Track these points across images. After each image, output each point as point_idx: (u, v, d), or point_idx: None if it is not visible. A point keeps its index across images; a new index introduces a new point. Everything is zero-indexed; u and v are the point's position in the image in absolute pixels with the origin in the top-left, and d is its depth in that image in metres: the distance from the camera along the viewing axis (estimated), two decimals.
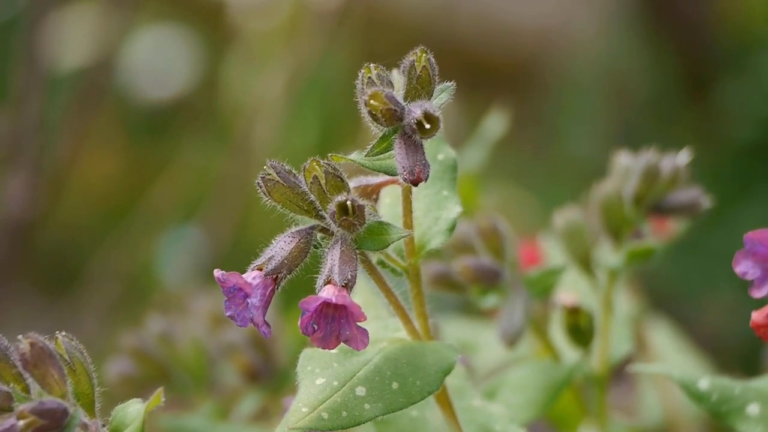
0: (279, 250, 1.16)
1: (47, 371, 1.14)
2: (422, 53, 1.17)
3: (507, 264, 1.52)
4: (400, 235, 1.17)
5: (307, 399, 1.16)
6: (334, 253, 1.15)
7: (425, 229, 1.23)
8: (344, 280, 1.14)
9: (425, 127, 1.14)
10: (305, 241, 1.17)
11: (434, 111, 1.15)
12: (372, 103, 1.15)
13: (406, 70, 1.17)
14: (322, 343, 1.14)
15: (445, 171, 1.25)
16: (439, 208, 1.24)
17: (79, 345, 1.18)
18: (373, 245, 1.17)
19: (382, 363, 1.19)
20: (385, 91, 1.15)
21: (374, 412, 1.15)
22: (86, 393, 1.16)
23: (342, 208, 1.15)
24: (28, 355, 1.14)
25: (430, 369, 1.19)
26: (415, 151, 1.15)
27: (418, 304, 1.24)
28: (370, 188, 1.22)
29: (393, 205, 1.25)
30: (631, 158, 1.57)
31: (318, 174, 1.16)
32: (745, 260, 1.17)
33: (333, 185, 1.16)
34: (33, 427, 1.11)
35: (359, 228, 1.16)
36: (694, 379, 1.30)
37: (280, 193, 1.17)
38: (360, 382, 1.17)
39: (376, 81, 1.17)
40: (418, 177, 1.14)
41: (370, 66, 1.17)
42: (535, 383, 1.48)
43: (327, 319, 1.14)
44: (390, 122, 1.16)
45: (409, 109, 1.16)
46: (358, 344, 1.14)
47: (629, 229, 1.56)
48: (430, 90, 1.18)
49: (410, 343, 1.22)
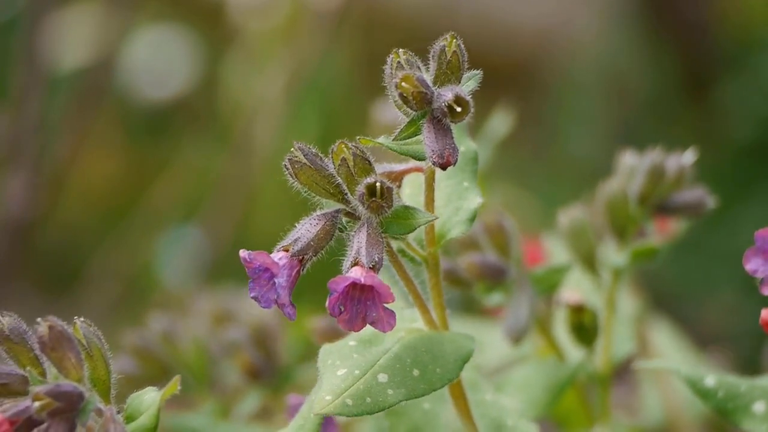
0: (305, 231, 1.16)
1: (65, 355, 1.13)
2: (452, 38, 1.17)
3: (513, 261, 1.52)
4: (427, 220, 1.17)
5: (330, 388, 1.16)
6: (361, 236, 1.15)
7: (446, 219, 1.23)
8: (371, 262, 1.14)
9: (456, 111, 1.14)
10: (331, 224, 1.17)
11: (465, 95, 1.15)
12: (404, 85, 1.15)
13: (436, 55, 1.17)
14: (348, 324, 1.14)
15: (467, 163, 1.25)
16: (460, 199, 1.23)
17: (97, 331, 1.17)
18: (399, 229, 1.17)
19: (402, 351, 1.19)
20: (416, 75, 1.15)
21: (397, 397, 1.16)
22: (102, 379, 1.16)
23: (371, 189, 1.15)
24: (47, 338, 1.13)
25: (449, 357, 1.19)
26: (445, 135, 1.15)
27: (436, 294, 1.25)
28: (394, 175, 1.22)
29: (414, 194, 1.25)
30: (636, 158, 1.57)
31: (346, 156, 1.16)
32: (755, 257, 1.17)
33: (361, 168, 1.16)
34: (48, 410, 1.10)
35: (387, 210, 1.16)
36: (701, 376, 1.30)
37: (306, 175, 1.17)
38: (381, 369, 1.18)
39: (405, 65, 1.16)
40: (447, 160, 1.14)
41: (399, 51, 1.17)
42: (538, 382, 1.48)
43: (353, 301, 1.14)
44: (420, 105, 1.16)
45: (439, 93, 1.16)
46: (385, 326, 1.15)
47: (634, 228, 1.56)
48: (459, 76, 1.18)
49: (428, 333, 1.23)
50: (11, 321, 1.16)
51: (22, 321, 1.17)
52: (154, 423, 1.15)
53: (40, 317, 1.15)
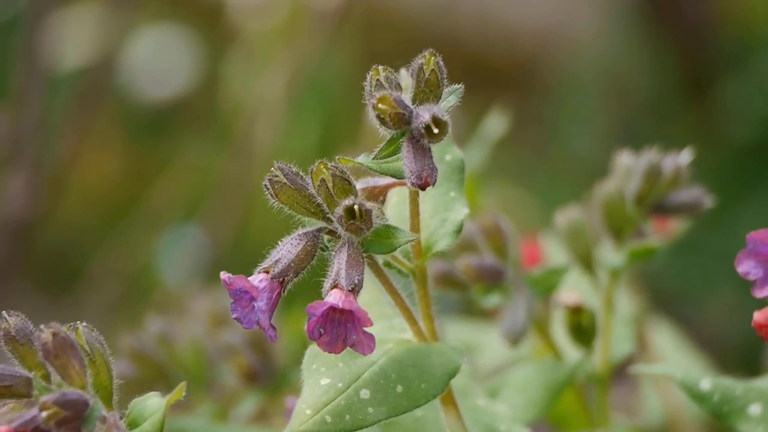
0: (286, 252, 1.16)
1: (68, 362, 1.13)
2: (431, 56, 1.16)
3: (510, 263, 1.52)
4: (407, 239, 1.16)
5: (311, 400, 1.15)
6: (341, 257, 1.15)
7: (432, 231, 1.22)
8: (351, 285, 1.13)
9: (433, 132, 1.14)
10: (312, 244, 1.16)
11: (442, 116, 1.14)
12: (380, 106, 1.15)
13: (415, 73, 1.16)
14: (329, 347, 1.14)
15: (453, 172, 1.24)
16: (446, 210, 1.23)
17: (99, 336, 1.17)
18: (381, 249, 1.16)
19: (388, 365, 1.19)
20: (394, 95, 1.15)
21: (377, 416, 1.15)
22: (105, 385, 1.16)
23: (349, 212, 1.14)
24: (50, 345, 1.13)
25: (436, 372, 1.18)
26: (423, 155, 1.15)
27: (424, 305, 1.24)
28: (378, 190, 1.22)
29: (400, 205, 1.25)
30: (632, 158, 1.57)
31: (325, 177, 1.15)
32: (747, 260, 1.17)
33: (340, 188, 1.15)
34: (55, 419, 1.10)
35: (366, 232, 1.15)
36: (696, 380, 1.30)
37: (287, 195, 1.17)
38: (365, 384, 1.17)
39: (384, 84, 1.16)
40: (425, 182, 1.14)
41: (379, 68, 1.16)
42: (536, 383, 1.48)
43: (333, 324, 1.14)
44: (398, 126, 1.15)
45: (417, 113, 1.15)
46: (365, 349, 1.14)
47: (631, 228, 1.56)
48: (439, 93, 1.17)
49: (416, 345, 1.22)
50: (18, 321, 1.15)
51: (29, 322, 1.16)
52: (158, 430, 1.15)
53: (42, 319, 1.15)
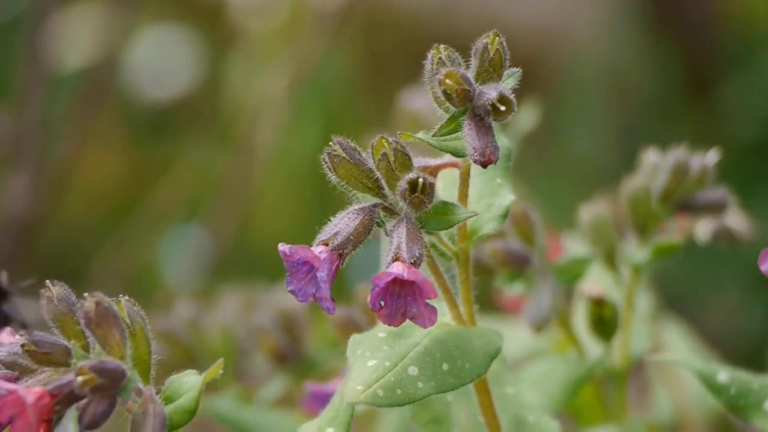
0: (344, 225, 1.16)
1: (109, 332, 1.13)
2: (495, 36, 1.17)
3: (537, 250, 1.52)
4: (466, 216, 1.17)
5: (360, 378, 1.16)
6: (401, 231, 1.15)
7: (478, 215, 1.23)
8: (413, 257, 1.14)
9: (500, 110, 1.14)
10: (369, 218, 1.17)
11: (509, 94, 1.15)
12: (447, 82, 1.15)
13: (479, 53, 1.17)
14: (388, 319, 1.15)
15: (500, 159, 1.23)
16: (492, 195, 1.24)
17: (141, 311, 1.17)
18: (439, 225, 1.17)
19: (432, 345, 1.19)
20: (460, 71, 1.15)
21: (427, 390, 1.16)
22: (143, 359, 1.16)
23: (413, 185, 1.15)
24: (93, 314, 1.13)
25: (478, 353, 1.19)
26: (486, 133, 1.15)
27: (465, 289, 1.25)
28: (429, 169, 1.21)
29: (446, 188, 1.25)
30: (659, 155, 1.57)
31: (387, 151, 1.16)
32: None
33: (401, 163, 1.16)
34: (90, 385, 1.09)
35: (428, 206, 1.16)
36: (714, 372, 1.31)
37: (345, 169, 1.17)
38: (412, 362, 1.17)
39: (446, 62, 1.16)
40: (489, 158, 1.14)
41: (440, 47, 1.17)
42: (555, 378, 1.48)
43: (393, 297, 1.14)
44: (463, 102, 1.16)
45: (481, 91, 1.16)
46: (425, 321, 1.14)
47: (656, 224, 1.56)
48: (501, 73, 1.18)
49: (456, 328, 1.23)
50: (60, 290, 1.15)
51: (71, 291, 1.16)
52: (193, 406, 1.15)
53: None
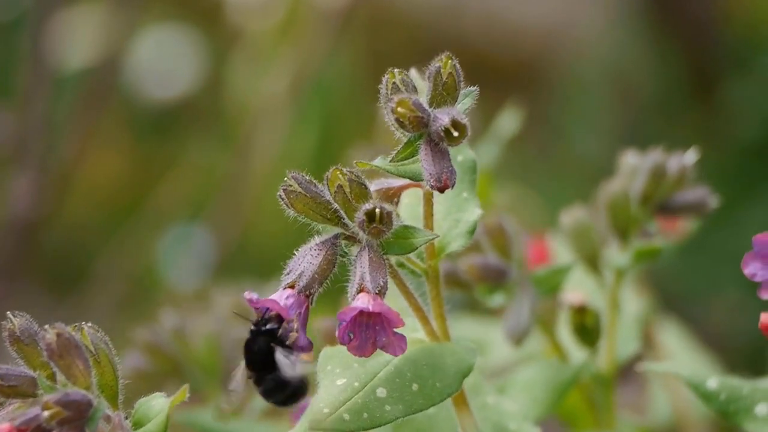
0: (308, 264, 1.16)
1: (73, 362, 1.13)
2: (447, 59, 1.16)
3: (514, 262, 1.52)
4: (426, 239, 1.16)
5: (328, 399, 1.15)
6: (363, 261, 1.15)
7: (445, 232, 1.22)
8: (377, 287, 1.14)
9: (453, 135, 1.14)
10: (332, 252, 1.16)
11: (462, 118, 1.14)
12: (399, 110, 1.15)
13: (432, 76, 1.16)
14: (359, 351, 1.14)
15: (465, 173, 1.24)
16: (459, 211, 1.23)
17: (104, 336, 1.17)
18: (400, 250, 1.16)
19: (402, 364, 1.19)
20: (412, 98, 1.15)
21: (395, 413, 1.15)
22: (110, 385, 1.16)
23: (370, 215, 1.14)
24: (54, 346, 1.13)
25: (450, 371, 1.19)
26: (442, 158, 1.15)
27: (436, 305, 1.24)
28: (392, 191, 1.21)
29: (413, 205, 1.25)
30: (637, 157, 1.57)
31: (342, 183, 1.15)
32: (753, 262, 1.17)
33: (358, 193, 1.15)
34: (57, 419, 1.10)
35: (387, 234, 1.15)
36: (703, 379, 1.30)
37: (302, 203, 1.17)
38: (381, 383, 1.17)
39: (400, 86, 1.16)
40: (445, 184, 1.14)
41: (395, 71, 1.16)
42: (542, 382, 1.48)
43: (362, 327, 1.14)
44: (417, 129, 1.15)
45: (435, 116, 1.15)
46: (396, 350, 1.14)
47: (636, 228, 1.56)
48: (456, 95, 1.17)
49: (429, 345, 1.22)
50: (23, 322, 1.15)
51: (34, 322, 1.16)
52: (162, 430, 1.15)
53: (47, 318, 1.15)
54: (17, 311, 1.16)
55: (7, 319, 1.16)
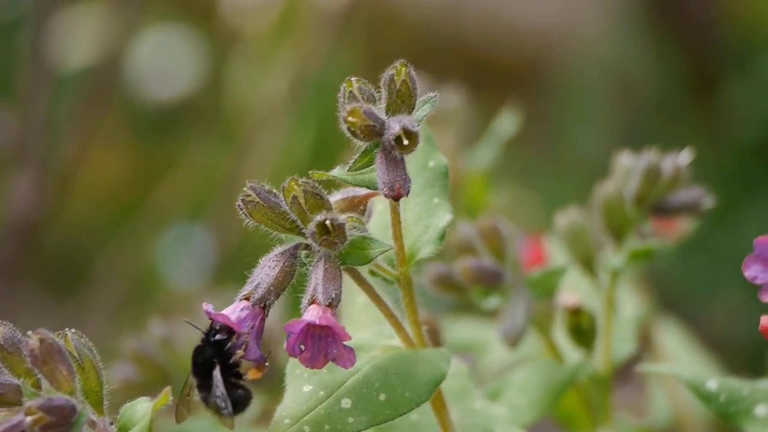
0: (264, 276, 1.16)
1: (56, 368, 1.13)
2: (402, 66, 1.16)
3: (508, 265, 1.51)
4: (381, 250, 1.16)
5: (291, 408, 1.15)
6: (318, 272, 1.15)
7: (416, 238, 1.22)
8: (328, 300, 1.13)
9: (404, 144, 1.13)
10: (290, 264, 1.16)
11: (413, 127, 1.13)
12: (350, 119, 1.14)
13: (386, 84, 1.16)
14: (311, 362, 1.14)
15: (437, 178, 1.24)
16: (429, 216, 1.22)
17: (88, 342, 1.17)
18: (357, 260, 1.16)
19: (372, 373, 1.18)
20: (364, 107, 1.14)
21: (357, 426, 1.14)
22: (95, 390, 1.16)
23: (322, 227, 1.14)
24: (37, 351, 1.13)
25: (421, 380, 1.18)
26: (396, 167, 1.14)
27: (410, 312, 1.23)
28: (357, 200, 1.21)
29: (385, 212, 1.24)
30: (632, 158, 1.57)
31: (297, 194, 1.15)
32: (754, 264, 1.17)
33: (313, 204, 1.15)
34: (40, 424, 1.10)
35: (340, 246, 1.15)
36: (703, 380, 1.30)
37: (261, 213, 1.17)
38: (347, 393, 1.16)
39: (357, 95, 1.15)
40: (398, 193, 1.13)
41: (352, 79, 1.15)
42: (538, 384, 1.48)
43: (314, 339, 1.14)
44: (369, 138, 1.15)
45: (388, 125, 1.14)
46: (345, 363, 1.14)
47: (631, 229, 1.55)
48: (411, 103, 1.16)
49: (402, 352, 1.21)
50: (6, 331, 1.16)
51: (17, 330, 1.16)
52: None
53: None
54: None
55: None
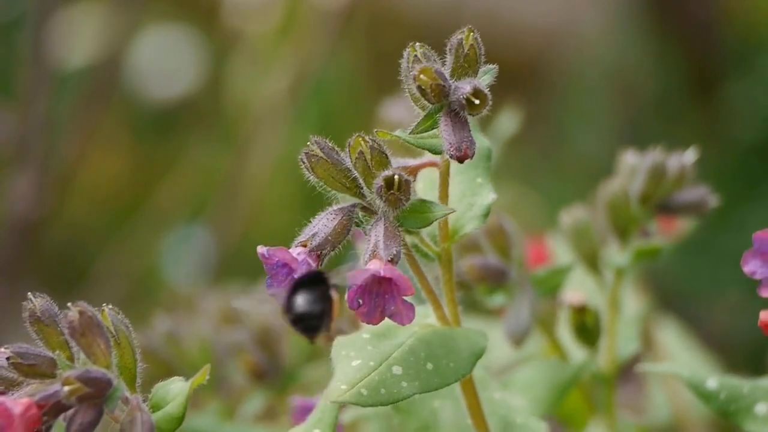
0: (322, 227, 1.16)
1: (94, 341, 1.13)
2: (469, 32, 1.17)
3: (513, 263, 1.52)
4: (443, 213, 1.17)
5: (345, 377, 1.16)
6: (378, 230, 1.15)
7: (459, 215, 1.23)
8: (390, 255, 1.14)
9: (474, 103, 1.15)
10: (348, 218, 1.17)
11: (483, 88, 1.15)
12: (422, 77, 1.15)
13: (454, 48, 1.17)
14: (367, 317, 1.14)
15: (480, 159, 1.24)
16: (473, 194, 1.23)
17: (124, 319, 1.17)
18: (416, 223, 1.17)
19: (416, 345, 1.19)
20: (435, 67, 1.16)
21: (411, 389, 1.16)
22: (129, 367, 1.16)
23: (389, 182, 1.15)
24: (77, 323, 1.13)
25: (462, 353, 1.19)
26: (462, 128, 1.15)
27: (448, 290, 1.25)
28: (408, 169, 1.21)
29: (427, 189, 1.25)
30: (637, 157, 1.57)
31: (363, 149, 1.16)
32: (753, 259, 1.17)
33: (378, 161, 1.16)
34: (77, 395, 1.09)
35: (405, 203, 1.16)
36: (702, 379, 1.30)
37: (323, 169, 1.17)
38: (396, 361, 1.17)
39: (422, 58, 1.16)
40: (465, 153, 1.14)
41: (416, 45, 1.17)
42: (542, 382, 1.48)
43: (372, 295, 1.14)
44: (438, 98, 1.16)
45: (456, 86, 1.16)
46: (404, 318, 1.14)
47: (636, 227, 1.56)
48: (476, 69, 1.18)
49: (441, 328, 1.23)
50: (43, 302, 1.15)
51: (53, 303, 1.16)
52: (181, 412, 1.15)
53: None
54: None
55: (28, 299, 1.15)
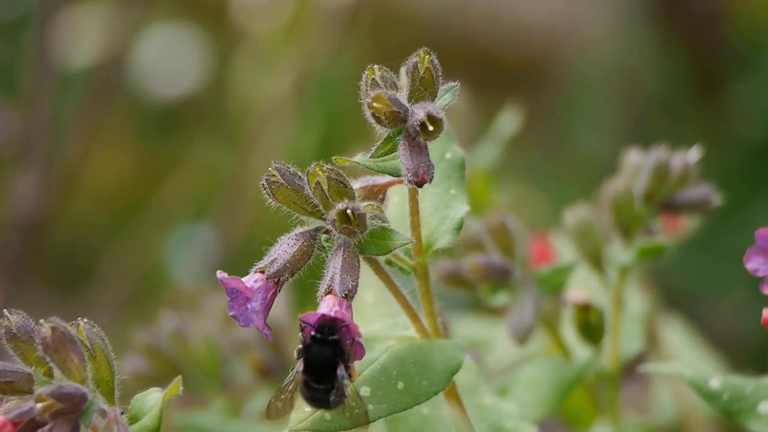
0: (282, 252, 1.16)
1: (67, 356, 1.14)
2: (425, 54, 1.17)
3: (517, 261, 1.52)
4: (402, 242, 1.17)
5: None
6: (336, 261, 1.15)
7: (433, 228, 1.23)
8: (344, 291, 1.14)
9: (428, 129, 1.14)
10: (309, 244, 1.17)
11: (437, 113, 1.15)
12: (375, 105, 1.15)
13: (410, 72, 1.17)
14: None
15: (453, 170, 1.25)
16: (446, 207, 1.23)
17: (100, 332, 1.18)
18: (376, 250, 1.17)
19: (389, 362, 1.19)
20: (389, 94, 1.15)
21: (377, 413, 1.15)
22: (106, 380, 1.17)
23: (343, 215, 1.15)
24: (49, 339, 1.14)
25: (438, 369, 1.19)
26: (419, 153, 1.15)
27: (426, 302, 1.24)
28: (377, 188, 1.22)
29: (401, 203, 1.25)
30: (641, 156, 1.57)
31: (321, 179, 1.15)
32: (756, 257, 1.17)
33: (336, 191, 1.16)
34: (51, 411, 1.10)
35: (360, 235, 1.15)
36: (706, 378, 1.30)
37: (284, 195, 1.17)
38: (365, 381, 1.17)
39: (379, 82, 1.17)
40: (422, 179, 1.14)
41: (374, 67, 1.17)
42: (546, 381, 1.48)
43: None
44: (393, 124, 1.16)
45: (412, 111, 1.16)
46: (355, 356, 1.14)
47: (640, 226, 1.56)
48: (434, 91, 1.17)
49: (418, 342, 1.22)
50: (19, 319, 1.16)
51: (30, 319, 1.17)
52: (156, 424, 1.16)
53: (50, 316, 1.16)
54: (17, 309, 1.17)
55: (4, 316, 1.16)
